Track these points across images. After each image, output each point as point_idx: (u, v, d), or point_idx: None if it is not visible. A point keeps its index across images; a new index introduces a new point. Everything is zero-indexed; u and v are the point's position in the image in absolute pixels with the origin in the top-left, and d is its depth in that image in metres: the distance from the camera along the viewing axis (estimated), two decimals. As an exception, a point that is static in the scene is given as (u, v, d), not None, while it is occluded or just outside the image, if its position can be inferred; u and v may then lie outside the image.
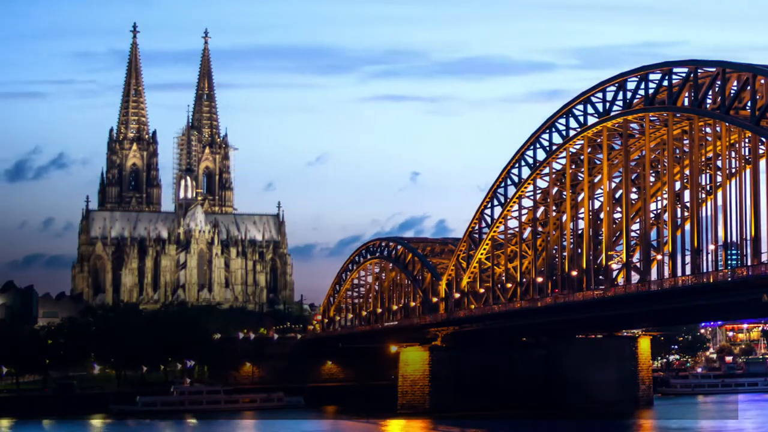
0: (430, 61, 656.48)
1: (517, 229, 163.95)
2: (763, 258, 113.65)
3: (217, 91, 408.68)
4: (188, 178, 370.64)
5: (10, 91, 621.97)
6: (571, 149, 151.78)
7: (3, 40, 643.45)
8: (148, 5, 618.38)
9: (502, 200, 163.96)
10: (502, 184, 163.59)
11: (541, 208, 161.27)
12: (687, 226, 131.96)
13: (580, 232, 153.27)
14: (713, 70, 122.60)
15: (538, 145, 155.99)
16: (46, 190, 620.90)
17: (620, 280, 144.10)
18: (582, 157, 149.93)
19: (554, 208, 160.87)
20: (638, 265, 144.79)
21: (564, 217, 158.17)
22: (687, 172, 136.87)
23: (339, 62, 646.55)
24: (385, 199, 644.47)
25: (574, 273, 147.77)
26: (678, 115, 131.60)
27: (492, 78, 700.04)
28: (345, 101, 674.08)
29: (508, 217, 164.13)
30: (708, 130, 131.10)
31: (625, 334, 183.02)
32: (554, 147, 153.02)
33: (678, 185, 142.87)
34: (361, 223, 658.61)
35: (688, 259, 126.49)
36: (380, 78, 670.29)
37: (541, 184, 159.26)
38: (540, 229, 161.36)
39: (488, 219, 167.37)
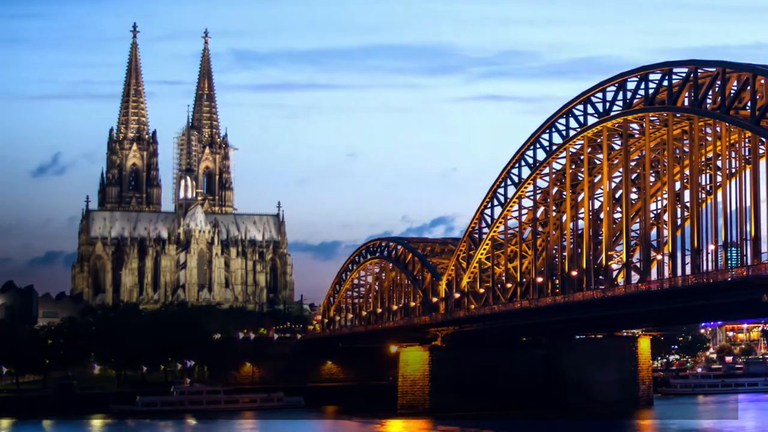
0: (541, 62, 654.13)
1: (517, 229, 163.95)
2: (763, 258, 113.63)
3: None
4: (188, 178, 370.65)
5: (9, 91, 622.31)
6: (571, 149, 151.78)
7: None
8: (149, 5, 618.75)
9: (502, 200, 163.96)
10: (502, 184, 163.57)
11: (541, 208, 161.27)
12: (687, 226, 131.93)
13: (580, 232, 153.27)
14: (713, 70, 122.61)
15: (538, 145, 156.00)
16: (45, 190, 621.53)
17: (620, 280, 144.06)
18: (582, 157, 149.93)
19: (554, 208, 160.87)
20: (638, 265, 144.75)
21: (564, 217, 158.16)
22: (687, 172, 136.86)
23: (451, 62, 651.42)
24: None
25: (574, 273, 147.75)
26: (678, 115, 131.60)
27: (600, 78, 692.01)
28: (449, 100, 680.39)
29: (508, 217, 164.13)
30: (708, 130, 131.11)
31: (625, 334, 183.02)
32: (554, 147, 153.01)
33: (678, 185, 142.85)
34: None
35: (688, 259, 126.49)
36: (487, 78, 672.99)
37: (541, 184, 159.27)
38: (540, 229, 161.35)
39: (488, 219, 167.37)
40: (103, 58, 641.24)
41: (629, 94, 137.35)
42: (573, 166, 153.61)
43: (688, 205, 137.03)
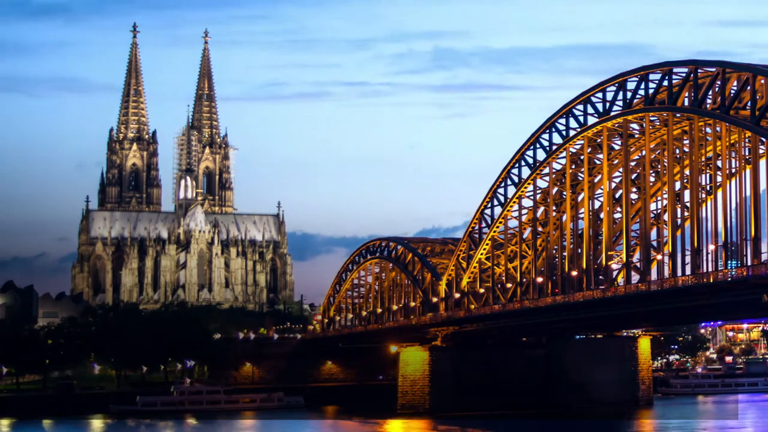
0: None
1: (517, 229, 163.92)
2: (763, 258, 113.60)
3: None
4: (188, 178, 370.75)
5: (8, 91, 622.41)
6: (571, 149, 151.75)
7: None
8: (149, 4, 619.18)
9: (502, 200, 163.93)
10: (502, 184, 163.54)
11: (541, 208, 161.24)
12: (687, 226, 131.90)
13: (580, 232, 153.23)
14: (713, 70, 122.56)
15: (538, 145, 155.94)
16: (45, 190, 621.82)
17: (620, 280, 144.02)
18: (582, 157, 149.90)
19: (554, 208, 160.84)
20: (638, 265, 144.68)
21: (564, 217, 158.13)
22: (687, 172, 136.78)
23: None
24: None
25: (574, 273, 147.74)
26: (678, 115, 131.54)
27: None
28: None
29: (508, 217, 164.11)
30: (708, 130, 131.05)
31: (625, 334, 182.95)
32: (554, 147, 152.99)
33: (678, 185, 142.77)
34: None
35: (688, 259, 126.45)
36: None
37: (541, 184, 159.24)
38: (540, 229, 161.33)
39: (488, 219, 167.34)
40: (103, 57, 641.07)
41: (629, 94, 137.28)
42: (573, 166, 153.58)
43: (688, 205, 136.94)
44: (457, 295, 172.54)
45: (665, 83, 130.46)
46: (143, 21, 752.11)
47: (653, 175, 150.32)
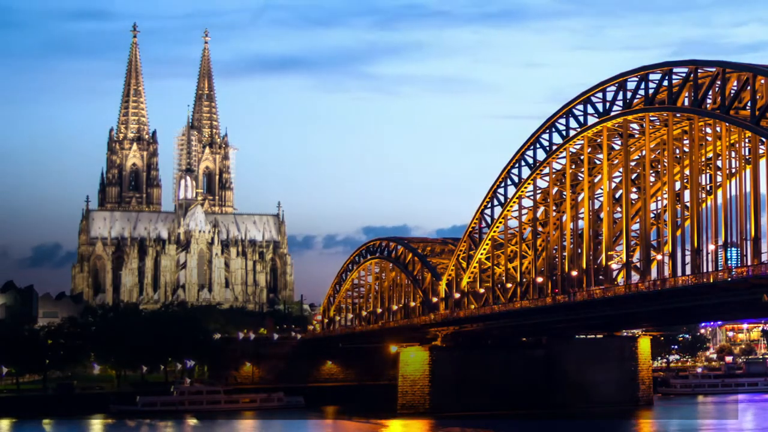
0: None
1: (517, 229, 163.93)
2: (763, 258, 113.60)
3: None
4: (188, 178, 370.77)
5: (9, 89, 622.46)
6: (571, 149, 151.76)
7: None
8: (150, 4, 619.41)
9: (502, 200, 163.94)
10: (502, 184, 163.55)
11: (541, 208, 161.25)
12: (687, 226, 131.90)
13: (580, 232, 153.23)
14: (713, 70, 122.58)
15: (538, 145, 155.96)
16: (46, 190, 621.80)
17: (620, 280, 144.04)
18: (582, 157, 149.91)
19: (554, 208, 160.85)
20: (638, 265, 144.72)
21: (564, 217, 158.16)
22: (687, 172, 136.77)
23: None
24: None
25: (574, 273, 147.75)
26: (678, 115, 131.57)
27: None
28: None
29: (508, 217, 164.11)
30: (708, 130, 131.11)
31: (625, 334, 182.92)
32: (554, 147, 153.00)
33: (678, 185, 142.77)
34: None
35: (688, 259, 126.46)
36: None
37: (541, 184, 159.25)
38: (540, 229, 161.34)
39: (488, 219, 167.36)
40: (103, 56, 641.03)
41: (629, 94, 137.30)
42: (573, 166, 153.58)
43: (688, 205, 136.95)
44: (457, 295, 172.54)
45: (665, 83, 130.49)
46: (143, 21, 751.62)
47: (653, 175, 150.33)
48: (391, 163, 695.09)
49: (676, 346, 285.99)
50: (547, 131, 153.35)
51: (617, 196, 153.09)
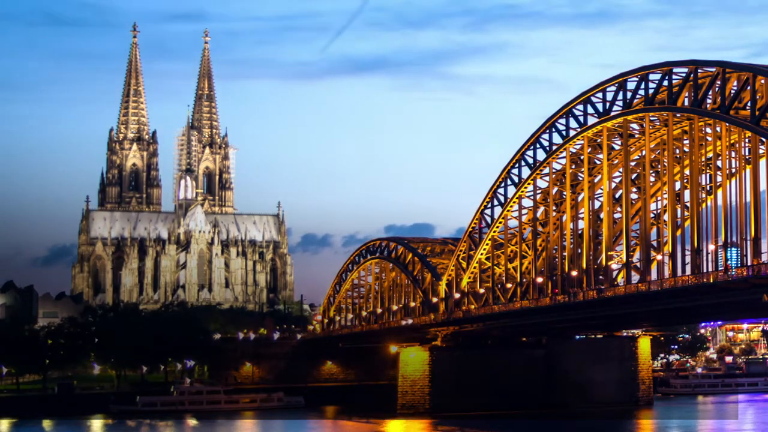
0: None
1: (517, 229, 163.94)
2: (763, 258, 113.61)
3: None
4: (188, 178, 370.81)
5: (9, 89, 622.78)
6: (571, 149, 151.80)
7: None
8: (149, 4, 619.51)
9: (502, 200, 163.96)
10: (502, 184, 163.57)
11: (541, 208, 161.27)
12: (687, 226, 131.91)
13: (580, 232, 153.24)
14: (713, 70, 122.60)
15: (538, 145, 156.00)
16: (46, 190, 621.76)
17: (620, 280, 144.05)
18: (582, 157, 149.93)
19: (554, 208, 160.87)
20: (638, 265, 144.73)
21: (564, 217, 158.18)
22: (687, 172, 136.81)
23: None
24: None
25: (574, 273, 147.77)
26: (678, 115, 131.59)
27: None
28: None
29: (508, 217, 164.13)
30: (708, 130, 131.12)
31: (625, 334, 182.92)
32: (554, 147, 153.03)
33: (678, 185, 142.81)
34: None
35: (688, 259, 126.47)
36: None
37: (541, 184, 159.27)
38: (540, 229, 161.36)
39: (488, 219, 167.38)
40: (103, 56, 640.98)
41: (629, 94, 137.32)
42: (573, 166, 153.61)
43: (688, 205, 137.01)
44: (457, 296, 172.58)
45: (665, 83, 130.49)
46: (144, 21, 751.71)
47: (653, 175, 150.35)
48: (391, 161, 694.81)
49: (676, 346, 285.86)
50: (547, 131, 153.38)
51: (617, 196, 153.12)
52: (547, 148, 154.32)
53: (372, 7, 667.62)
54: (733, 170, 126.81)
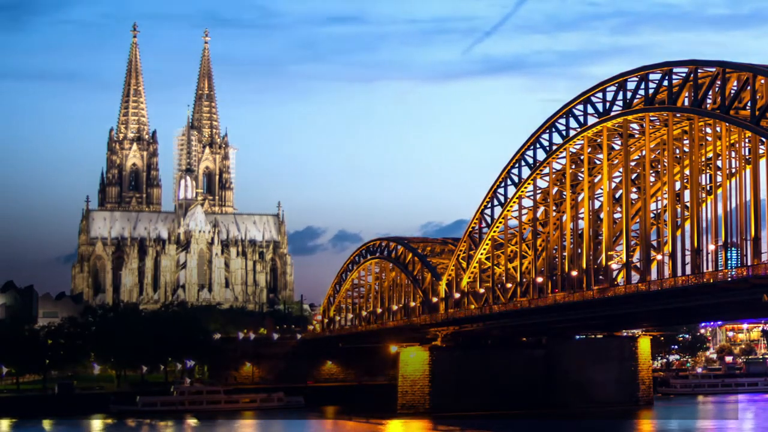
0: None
1: (517, 229, 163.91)
2: (763, 258, 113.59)
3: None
4: (188, 178, 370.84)
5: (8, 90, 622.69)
6: (571, 149, 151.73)
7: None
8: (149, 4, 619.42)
9: (502, 200, 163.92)
10: (502, 184, 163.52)
11: (541, 208, 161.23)
12: (687, 226, 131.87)
13: (580, 232, 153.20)
14: (713, 70, 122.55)
15: (538, 145, 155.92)
16: (46, 190, 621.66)
17: (620, 280, 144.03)
18: (582, 157, 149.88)
19: (554, 208, 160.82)
20: (638, 265, 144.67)
21: (564, 217, 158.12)
22: (687, 172, 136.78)
23: None
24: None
25: (574, 273, 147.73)
26: (678, 115, 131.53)
27: None
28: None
29: (508, 217, 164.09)
30: (708, 130, 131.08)
31: (625, 334, 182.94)
32: (554, 147, 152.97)
33: (678, 185, 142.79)
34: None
35: (688, 259, 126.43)
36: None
37: (541, 184, 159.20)
38: (540, 229, 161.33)
39: (488, 219, 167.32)
40: (103, 56, 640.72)
41: (629, 94, 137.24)
42: (573, 166, 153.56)
43: (688, 205, 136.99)
44: (457, 295, 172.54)
45: (665, 83, 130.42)
46: (144, 20, 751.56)
47: (653, 175, 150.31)
48: (391, 161, 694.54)
49: (676, 346, 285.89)
50: (547, 131, 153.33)
51: (617, 196, 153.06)
52: (547, 148, 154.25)
53: (526, 8, 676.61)
54: (733, 170, 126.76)
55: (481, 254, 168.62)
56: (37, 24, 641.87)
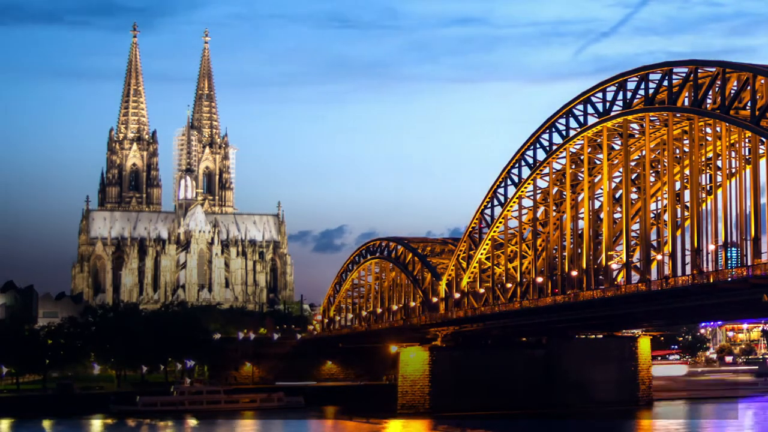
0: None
1: (517, 229, 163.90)
2: (763, 258, 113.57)
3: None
4: (188, 178, 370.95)
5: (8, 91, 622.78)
6: (571, 149, 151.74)
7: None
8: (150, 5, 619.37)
9: (502, 200, 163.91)
10: (502, 184, 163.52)
11: (541, 208, 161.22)
12: (687, 226, 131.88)
13: (580, 232, 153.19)
14: (713, 70, 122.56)
15: (538, 145, 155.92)
16: (46, 190, 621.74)
17: (620, 280, 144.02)
18: (582, 157, 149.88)
19: (554, 208, 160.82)
20: (638, 265, 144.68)
21: (564, 217, 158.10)
22: (687, 172, 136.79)
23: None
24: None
25: (574, 273, 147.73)
26: (678, 115, 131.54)
27: None
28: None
29: (508, 217, 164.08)
30: (708, 130, 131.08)
31: (625, 334, 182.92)
32: (554, 147, 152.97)
33: (678, 185, 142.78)
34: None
35: (688, 259, 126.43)
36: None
37: (541, 184, 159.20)
38: (540, 229, 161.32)
39: (488, 219, 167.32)
40: (103, 56, 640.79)
41: (629, 94, 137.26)
42: (573, 166, 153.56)
43: (688, 205, 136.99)
44: (457, 295, 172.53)
45: (665, 83, 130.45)
46: (144, 20, 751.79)
47: (653, 175, 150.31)
48: (392, 161, 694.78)
49: (676, 346, 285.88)
50: (547, 131, 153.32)
51: (617, 196, 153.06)
52: (547, 148, 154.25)
53: (648, 10, 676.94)
54: (733, 170, 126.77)
55: (481, 254, 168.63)
56: (39, 23, 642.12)
